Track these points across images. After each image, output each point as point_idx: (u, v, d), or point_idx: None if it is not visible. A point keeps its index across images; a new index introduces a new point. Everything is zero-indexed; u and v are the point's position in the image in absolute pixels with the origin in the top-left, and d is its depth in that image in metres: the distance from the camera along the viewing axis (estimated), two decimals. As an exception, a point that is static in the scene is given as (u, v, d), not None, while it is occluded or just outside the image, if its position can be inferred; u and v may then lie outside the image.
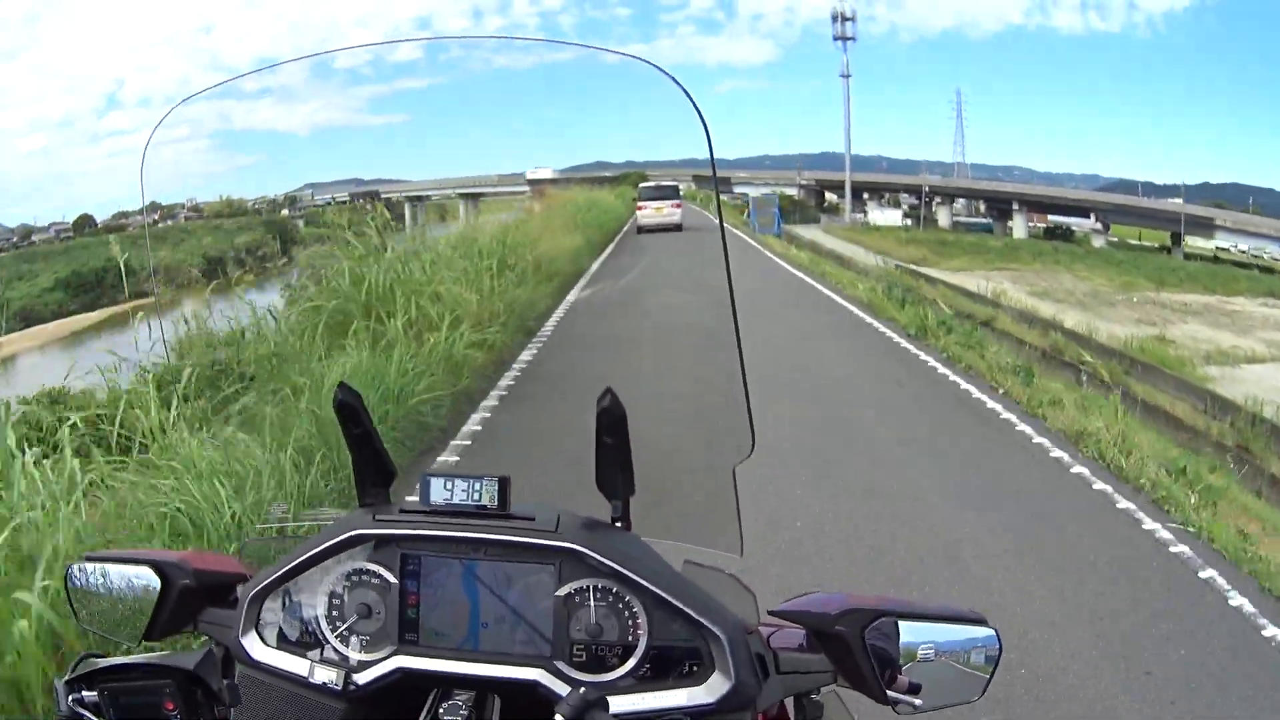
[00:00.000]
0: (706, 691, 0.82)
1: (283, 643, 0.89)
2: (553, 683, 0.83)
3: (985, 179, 26.10)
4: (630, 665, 0.84)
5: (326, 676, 0.85)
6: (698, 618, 0.82)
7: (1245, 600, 3.09)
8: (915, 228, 25.99)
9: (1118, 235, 24.27)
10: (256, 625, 0.89)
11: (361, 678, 0.85)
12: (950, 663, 0.80)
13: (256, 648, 0.88)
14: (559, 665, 0.84)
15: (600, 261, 7.59)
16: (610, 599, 0.85)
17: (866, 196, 26.57)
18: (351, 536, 0.88)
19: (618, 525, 0.90)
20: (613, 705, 0.80)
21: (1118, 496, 4.14)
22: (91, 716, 0.78)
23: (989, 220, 26.05)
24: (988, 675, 0.81)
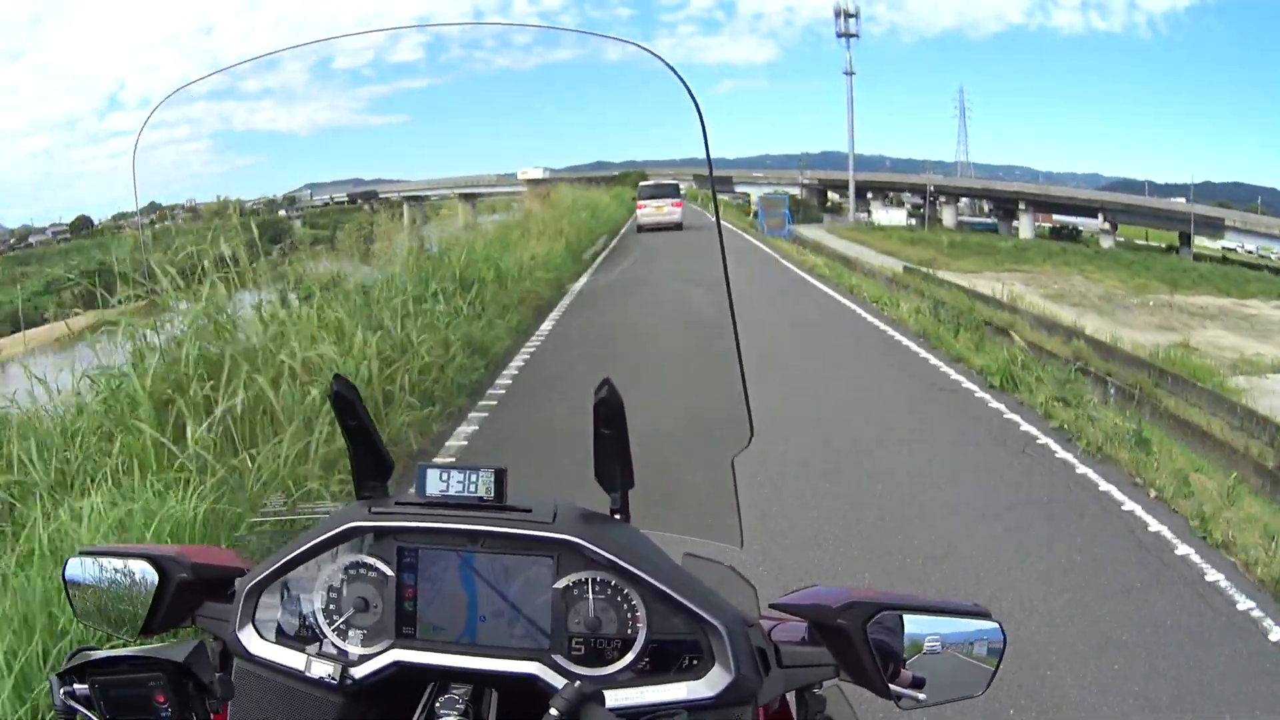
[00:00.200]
0: (706, 685, 0.82)
1: (280, 636, 0.89)
2: (551, 676, 0.83)
3: (987, 178, 26.12)
4: (629, 659, 0.84)
5: (323, 670, 0.85)
6: (697, 611, 0.82)
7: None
8: (920, 228, 25.98)
9: (1124, 235, 24.27)
10: (253, 619, 0.89)
11: (358, 671, 0.86)
12: (953, 656, 0.80)
13: (253, 641, 0.89)
14: (557, 659, 0.84)
15: (589, 276, 6.46)
16: (609, 592, 0.85)
17: (870, 196, 26.59)
18: (347, 529, 0.88)
19: (616, 517, 0.90)
20: (612, 699, 0.80)
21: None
22: (84, 710, 0.79)
23: (994, 220, 26.05)
24: (992, 669, 0.81)
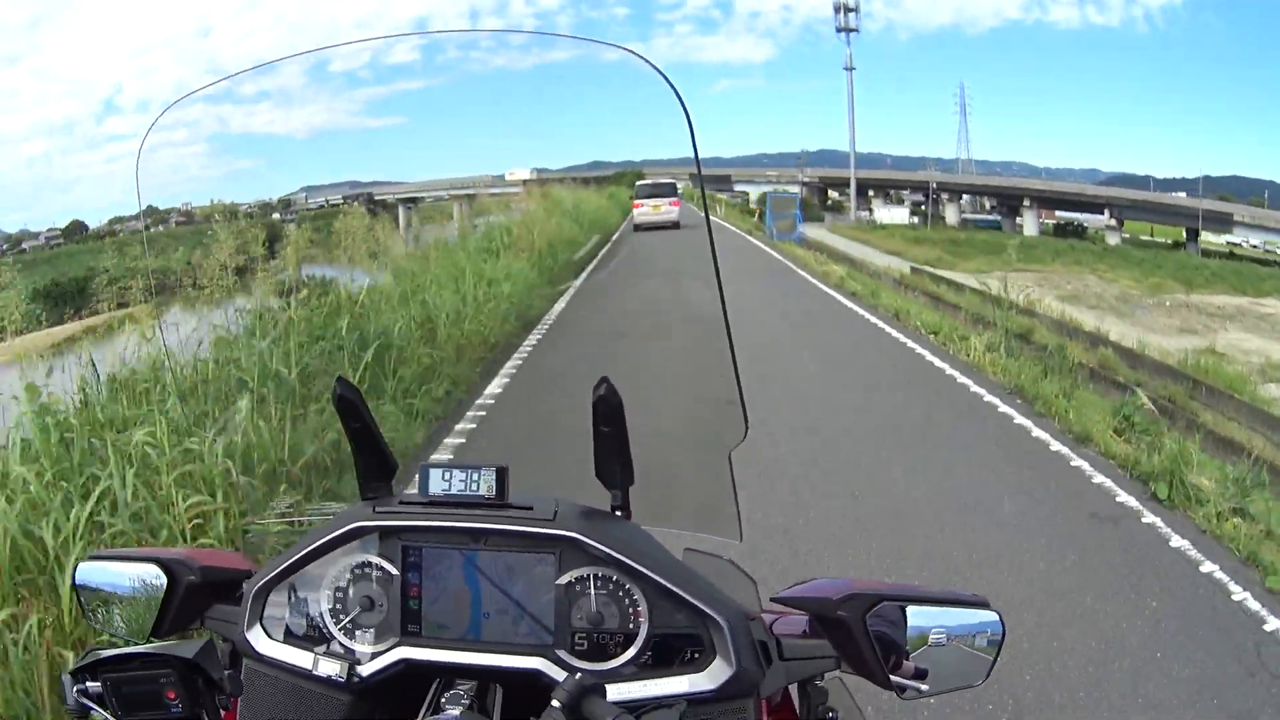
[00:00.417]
0: (708, 678, 0.84)
1: (288, 636, 0.92)
2: (554, 671, 0.85)
3: (986, 175, 26.17)
4: (632, 653, 0.87)
5: (331, 669, 0.88)
6: (698, 605, 0.85)
7: None
8: (923, 226, 26.01)
9: (1129, 231, 24.29)
10: (261, 620, 0.92)
11: (365, 670, 0.88)
12: (954, 646, 0.82)
13: (262, 641, 0.91)
14: (560, 654, 0.87)
15: (566, 301, 5.24)
16: (611, 587, 0.87)
17: (872, 194, 26.64)
18: (352, 529, 0.90)
19: (617, 514, 0.92)
20: (614, 693, 0.82)
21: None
22: (96, 708, 0.81)
23: (997, 217, 26.08)
24: (991, 658, 0.83)
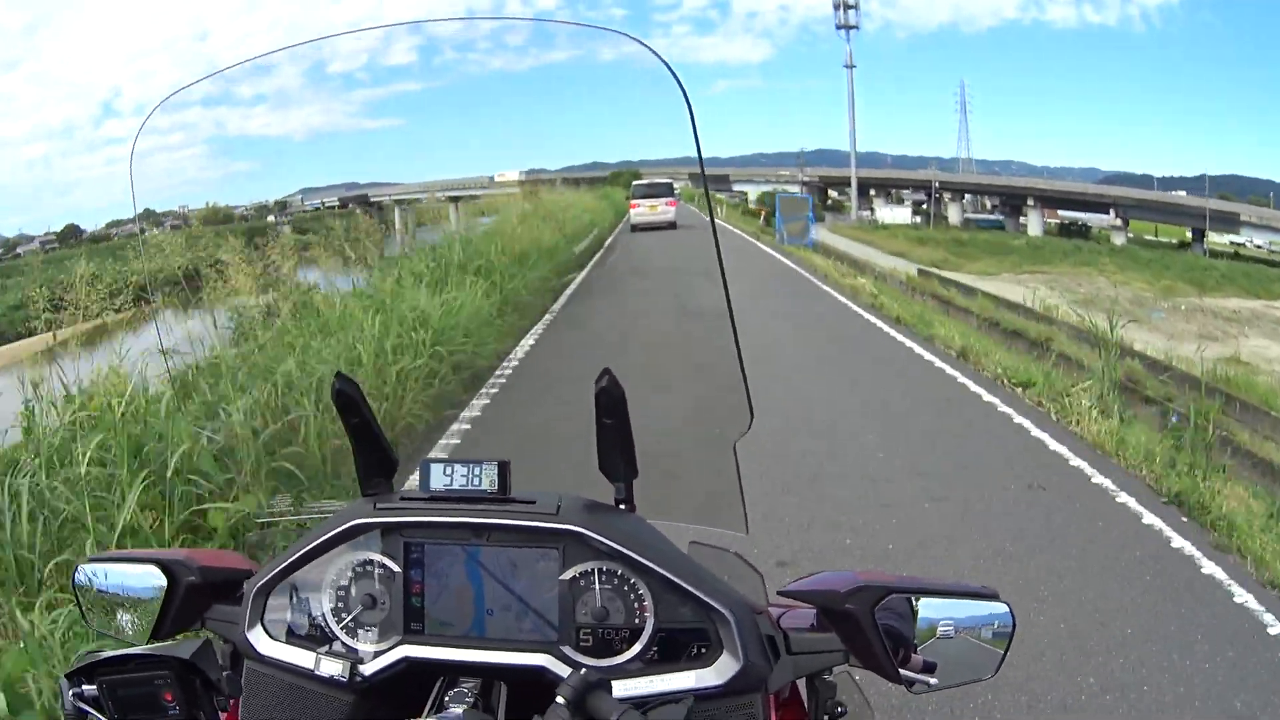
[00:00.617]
0: (715, 673, 0.84)
1: (289, 636, 0.92)
2: (559, 668, 0.85)
3: (989, 174, 26.21)
4: (637, 648, 0.87)
5: (333, 669, 0.88)
6: (705, 599, 0.85)
7: None
8: (925, 225, 26.02)
9: (1134, 231, 24.31)
10: (262, 620, 0.92)
11: (368, 669, 0.88)
12: (963, 639, 0.81)
13: (263, 642, 0.91)
14: (565, 650, 0.87)
15: (536, 336, 4.77)
16: (615, 582, 0.87)
17: (873, 193, 26.67)
18: (353, 526, 0.90)
19: (621, 507, 0.92)
20: (620, 689, 0.82)
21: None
22: (93, 712, 0.81)
23: (1000, 217, 26.11)
24: (1001, 651, 0.83)
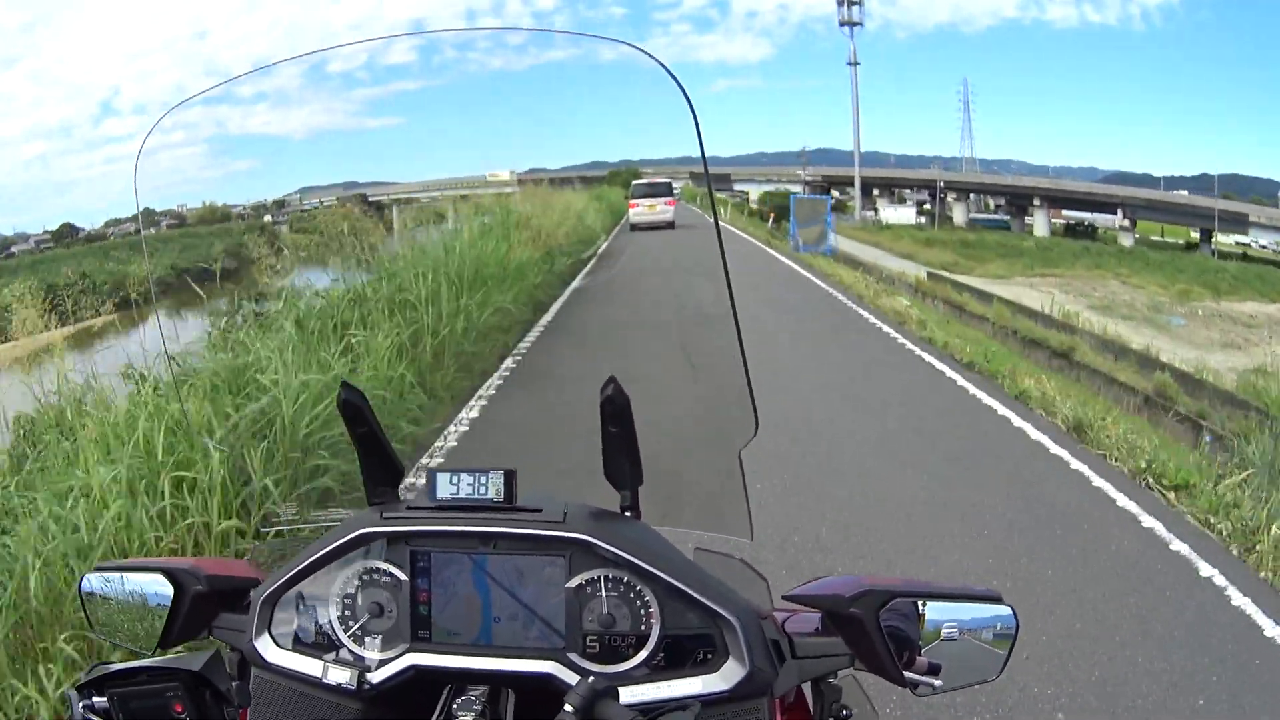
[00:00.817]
0: (721, 679, 0.85)
1: (296, 644, 0.94)
2: (566, 675, 0.87)
3: (994, 174, 26.23)
4: (644, 655, 0.88)
5: (340, 677, 0.89)
6: (710, 605, 0.86)
7: None
8: (930, 226, 26.02)
9: (1140, 232, 24.30)
10: (269, 628, 0.94)
11: (375, 677, 0.90)
12: (967, 641, 0.83)
13: (270, 650, 0.93)
14: (572, 657, 0.88)
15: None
16: (621, 589, 0.89)
17: (876, 193, 26.68)
18: (360, 535, 0.92)
19: (627, 514, 0.94)
20: (627, 695, 0.84)
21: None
22: None
23: (1005, 217, 26.12)
24: (1005, 653, 0.85)
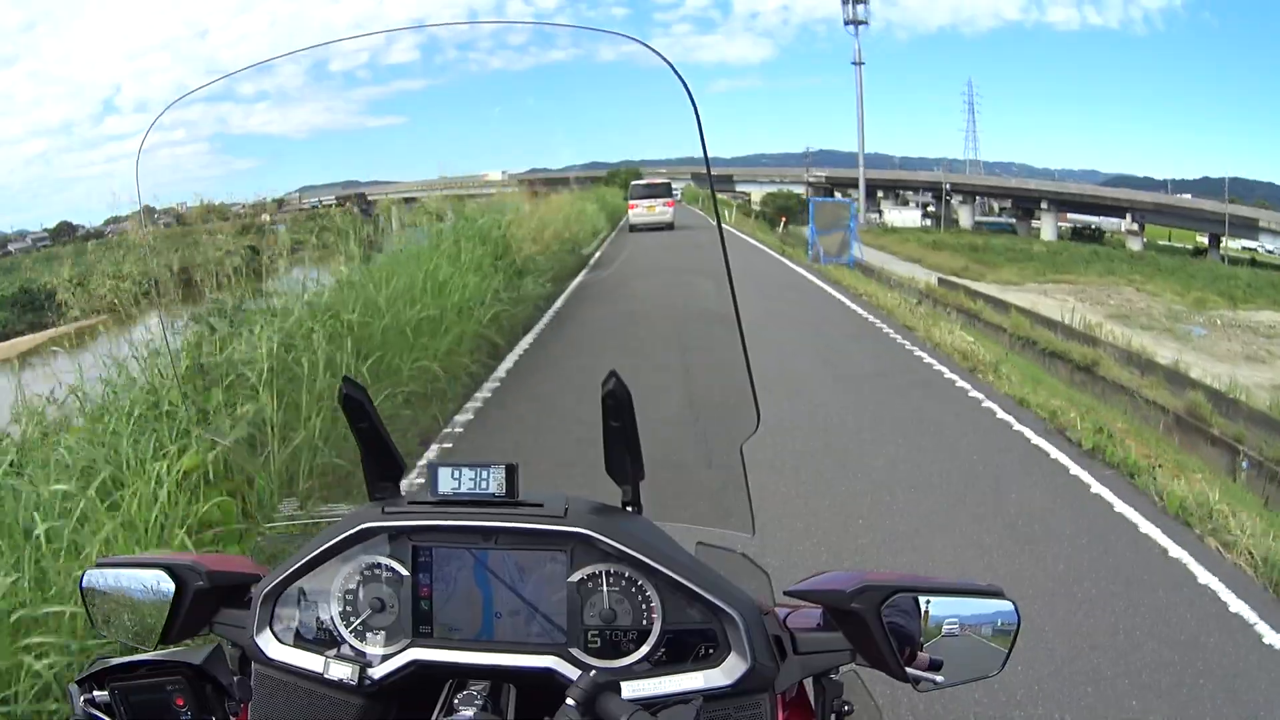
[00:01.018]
0: (723, 674, 0.87)
1: (298, 640, 0.95)
2: (568, 670, 0.88)
3: (1000, 176, 26.28)
4: (645, 649, 0.90)
5: (342, 672, 0.91)
6: (712, 600, 0.88)
7: None
8: (935, 229, 26.06)
9: (1147, 236, 24.32)
10: (271, 624, 0.95)
11: (377, 672, 0.91)
12: (969, 637, 0.85)
13: (272, 646, 0.94)
14: (574, 652, 0.90)
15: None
16: (623, 584, 0.90)
17: (881, 195, 26.74)
18: (361, 530, 0.93)
19: (629, 509, 0.95)
20: (629, 690, 0.85)
21: None
22: (105, 717, 0.83)
23: (1011, 220, 26.16)
24: (1006, 648, 0.86)
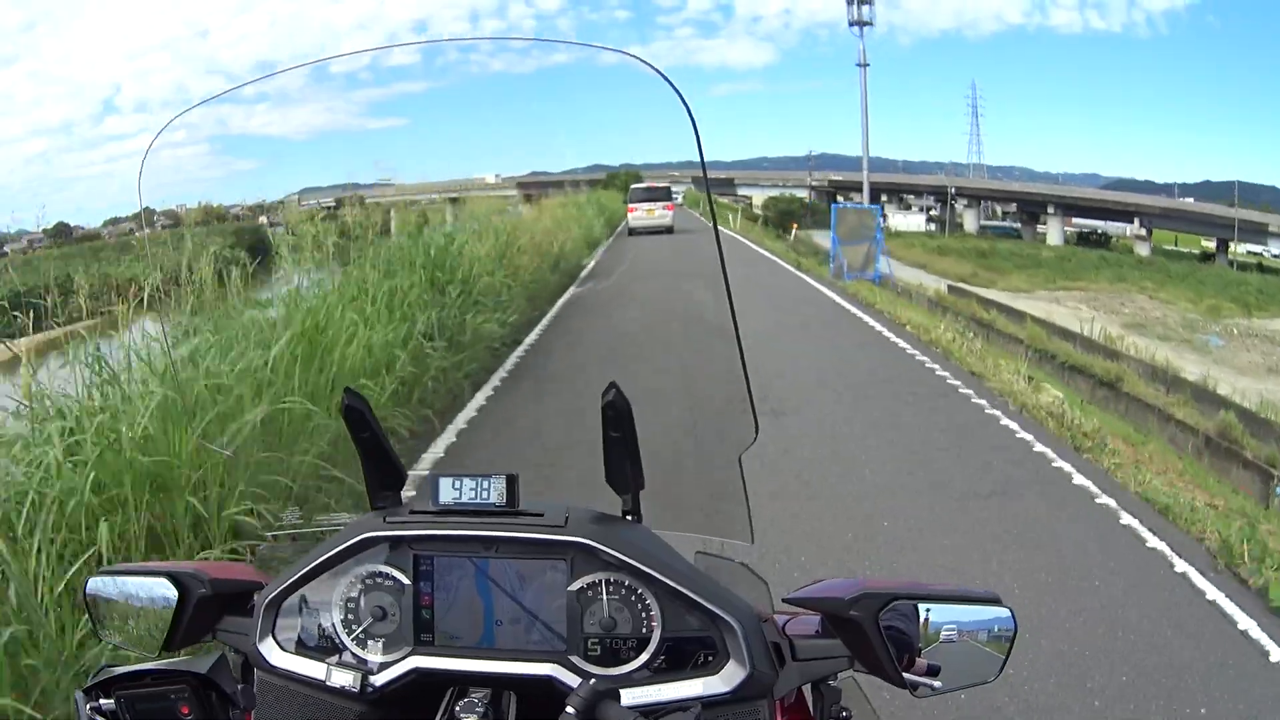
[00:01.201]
0: (722, 681, 0.89)
1: (300, 648, 0.97)
2: (568, 677, 0.90)
3: (1000, 179, 26.37)
4: (645, 657, 0.92)
5: (343, 680, 0.93)
6: (711, 607, 0.90)
7: None
8: (940, 233, 26.10)
9: (1153, 241, 24.35)
10: (273, 631, 0.97)
11: (378, 679, 0.93)
12: (966, 643, 0.87)
13: (274, 653, 0.96)
14: (574, 660, 0.92)
15: None
16: (623, 592, 0.93)
17: (885, 199, 26.80)
18: (363, 539, 0.96)
19: (628, 518, 0.97)
20: (628, 697, 0.88)
21: None
22: None
23: (1016, 225, 26.22)
24: (1003, 655, 0.88)
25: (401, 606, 0.95)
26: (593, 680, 0.86)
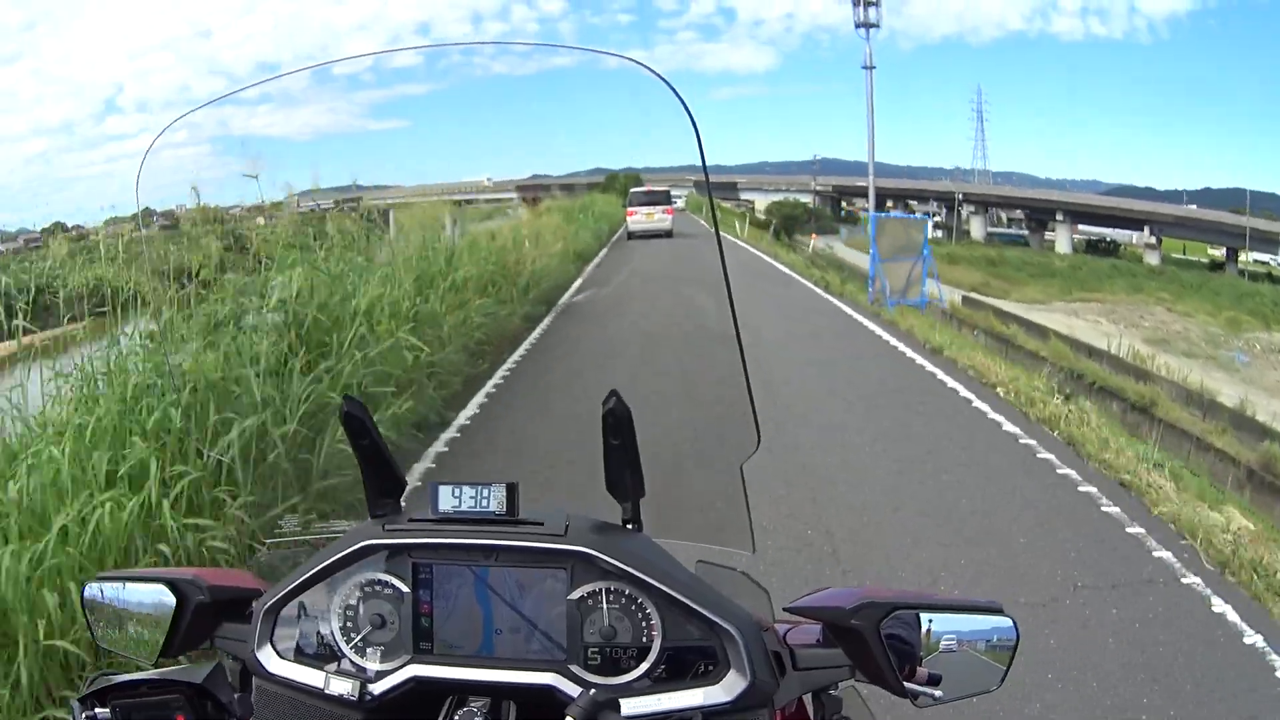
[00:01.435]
0: (723, 690, 0.90)
1: (298, 655, 0.98)
2: (568, 687, 0.91)
3: (1006, 186, 26.41)
4: (645, 667, 0.93)
5: (342, 688, 0.94)
6: (711, 617, 0.91)
7: None
8: (947, 240, 26.11)
9: (1163, 249, 24.34)
10: (271, 639, 0.98)
11: (377, 688, 0.94)
12: (967, 653, 0.88)
13: (272, 661, 0.97)
14: (574, 669, 0.93)
15: None
16: (623, 601, 0.94)
17: (890, 205, 26.85)
18: (363, 547, 0.97)
19: (629, 527, 0.99)
20: (628, 707, 0.89)
21: None
22: None
23: (1024, 232, 26.25)
24: (1005, 665, 0.89)
25: (401, 615, 0.96)
26: (593, 690, 0.87)
